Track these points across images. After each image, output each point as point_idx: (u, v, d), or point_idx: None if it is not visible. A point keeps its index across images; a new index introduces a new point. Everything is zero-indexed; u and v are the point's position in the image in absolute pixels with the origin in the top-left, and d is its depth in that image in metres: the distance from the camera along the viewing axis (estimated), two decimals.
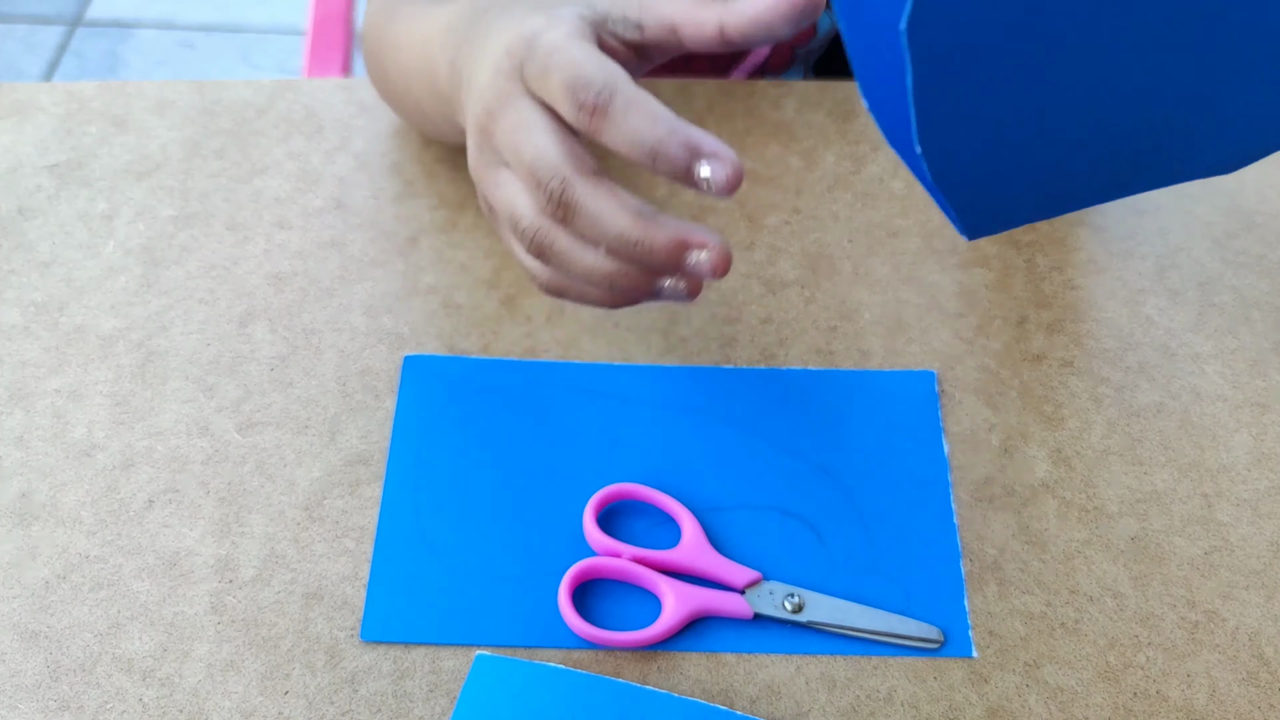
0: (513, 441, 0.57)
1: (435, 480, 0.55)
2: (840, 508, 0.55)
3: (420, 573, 0.52)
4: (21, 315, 0.61)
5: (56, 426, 0.57)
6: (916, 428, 0.58)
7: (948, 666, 0.51)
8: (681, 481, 0.56)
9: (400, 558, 0.53)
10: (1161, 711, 0.50)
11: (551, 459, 0.56)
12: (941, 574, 0.53)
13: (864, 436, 0.57)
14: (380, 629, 0.51)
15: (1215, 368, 0.61)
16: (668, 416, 0.58)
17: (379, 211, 0.66)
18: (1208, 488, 0.56)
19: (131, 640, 0.51)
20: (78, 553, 0.53)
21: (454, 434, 0.57)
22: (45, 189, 0.66)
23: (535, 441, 0.57)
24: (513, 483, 0.55)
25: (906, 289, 0.64)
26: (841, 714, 0.49)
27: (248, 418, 0.57)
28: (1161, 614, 0.52)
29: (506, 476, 0.56)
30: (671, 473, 0.56)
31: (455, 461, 0.56)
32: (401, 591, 0.52)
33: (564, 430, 0.57)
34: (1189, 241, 0.66)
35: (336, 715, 0.49)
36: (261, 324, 0.61)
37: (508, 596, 0.52)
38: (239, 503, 0.55)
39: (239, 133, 0.70)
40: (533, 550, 0.53)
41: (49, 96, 0.71)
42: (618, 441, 0.57)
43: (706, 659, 0.51)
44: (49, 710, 0.49)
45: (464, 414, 0.57)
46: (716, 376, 0.59)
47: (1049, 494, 0.56)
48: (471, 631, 0.51)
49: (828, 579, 0.53)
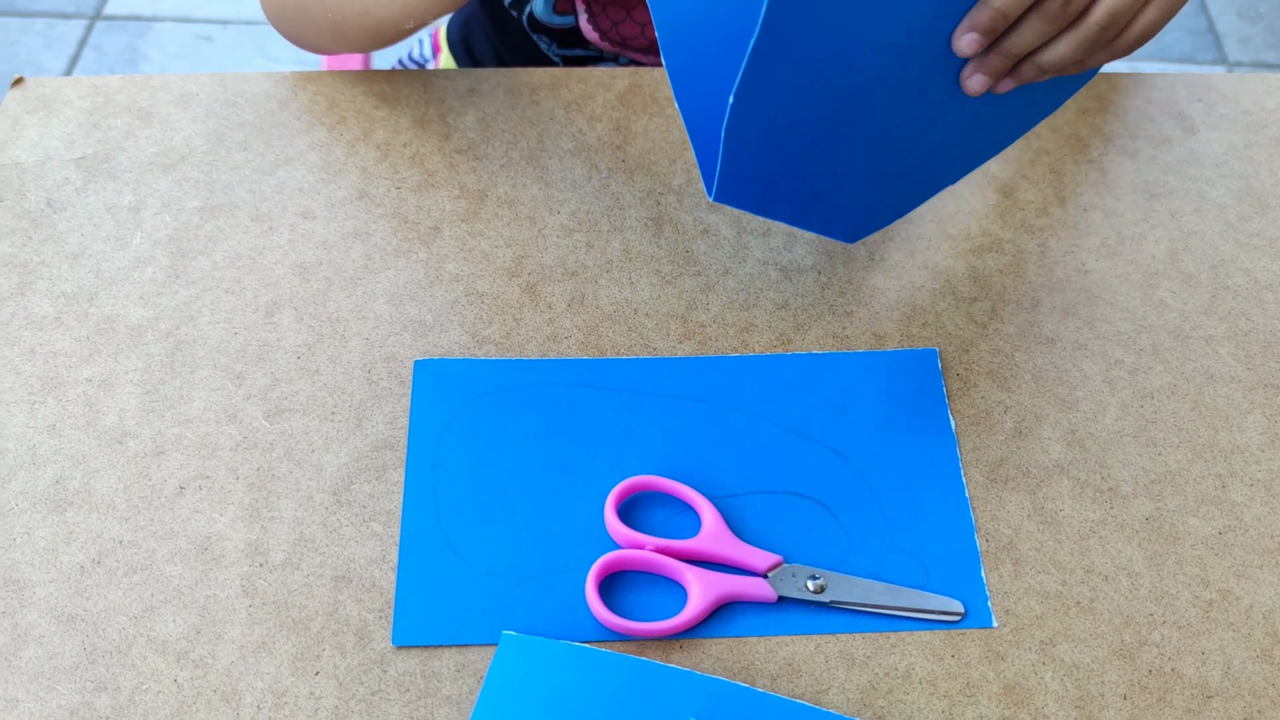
0: (527, 440, 0.57)
1: (453, 483, 0.56)
2: (854, 488, 0.56)
3: (446, 575, 0.53)
4: (53, 306, 0.62)
5: (89, 415, 0.58)
6: (923, 405, 0.59)
7: (965, 643, 0.52)
8: (697, 470, 0.57)
9: (425, 561, 0.54)
10: (1176, 689, 0.51)
11: (566, 455, 0.57)
12: (958, 547, 0.54)
13: (872, 416, 0.58)
14: (411, 634, 0.52)
15: (1228, 350, 0.61)
16: (679, 407, 0.59)
17: (402, 201, 0.67)
18: (1221, 468, 0.57)
19: (165, 623, 0.52)
20: (112, 538, 0.54)
21: (467, 437, 0.57)
22: (73, 182, 0.68)
23: (549, 439, 0.57)
24: (530, 480, 0.56)
25: (921, 274, 0.64)
26: (860, 691, 0.50)
27: (275, 405, 0.59)
28: (1176, 593, 0.53)
29: (524, 475, 0.56)
30: (687, 462, 0.57)
31: (471, 463, 0.57)
32: (428, 595, 0.53)
33: (576, 426, 0.58)
34: (1202, 225, 0.67)
35: (366, 695, 0.50)
36: (288, 313, 0.62)
37: (532, 593, 0.53)
38: (268, 488, 0.56)
39: (262, 124, 0.71)
40: (555, 546, 0.54)
41: (74, 90, 0.72)
42: (631, 434, 0.58)
43: (727, 637, 0.52)
44: (86, 690, 0.50)
45: (476, 416, 0.58)
46: (724, 365, 0.60)
47: (1063, 475, 0.57)
48: (499, 631, 0.52)
49: (847, 559, 0.54)
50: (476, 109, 0.71)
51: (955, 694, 0.50)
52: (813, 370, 0.60)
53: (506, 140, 0.70)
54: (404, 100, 0.72)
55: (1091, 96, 0.73)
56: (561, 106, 0.72)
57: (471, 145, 0.70)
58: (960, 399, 0.59)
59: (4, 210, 0.66)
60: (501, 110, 0.71)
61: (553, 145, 0.70)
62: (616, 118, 0.71)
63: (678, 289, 0.63)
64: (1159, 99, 0.73)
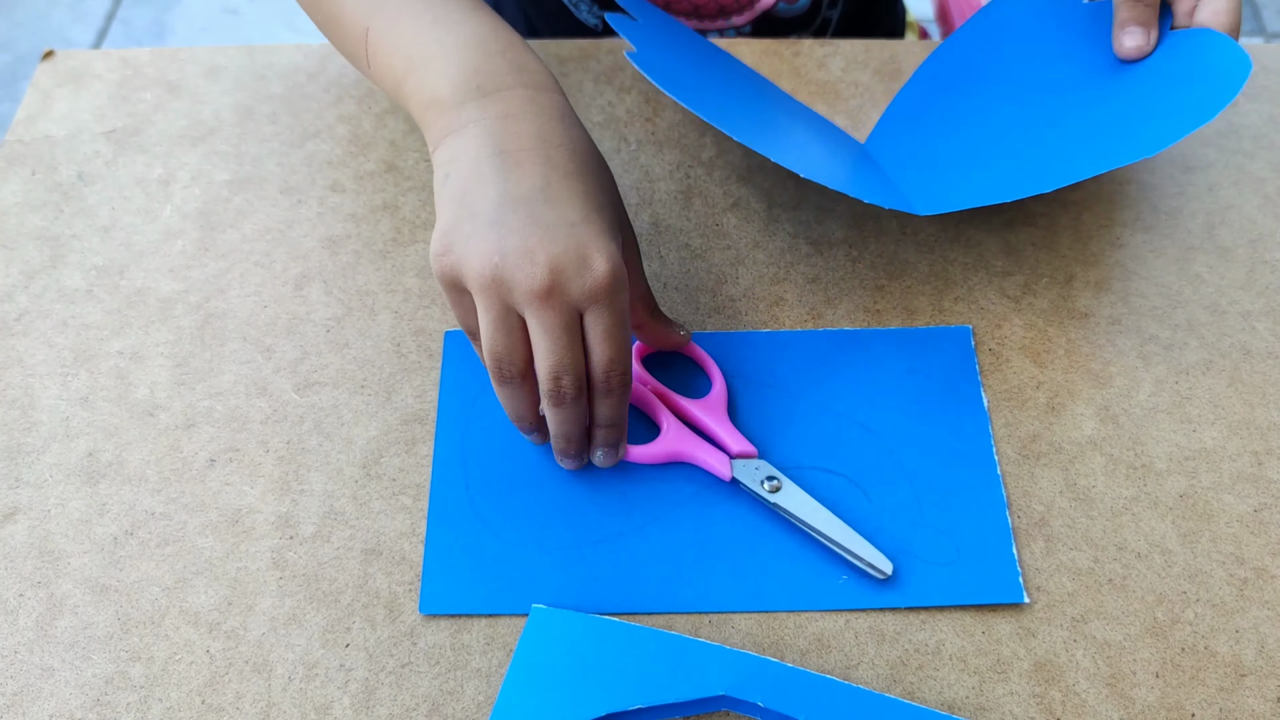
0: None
1: (482, 453, 0.56)
2: (884, 465, 0.56)
3: (473, 544, 0.53)
4: (84, 279, 0.62)
5: (120, 387, 0.58)
6: (956, 383, 0.58)
7: (996, 620, 0.51)
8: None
9: (453, 530, 0.54)
10: (1209, 666, 0.50)
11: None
12: (988, 524, 0.54)
13: (903, 394, 0.58)
14: (438, 603, 0.52)
15: (1266, 325, 0.61)
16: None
17: (430, 174, 0.67)
18: (1257, 445, 0.56)
19: (197, 594, 0.52)
20: (144, 510, 0.55)
21: (497, 407, 0.57)
22: (103, 155, 0.68)
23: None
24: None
25: (953, 248, 0.64)
26: (890, 667, 0.50)
27: (305, 378, 0.59)
28: (1210, 570, 0.53)
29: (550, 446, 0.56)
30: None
31: (501, 434, 0.57)
32: (456, 564, 0.53)
33: None
34: (1239, 198, 0.66)
35: (396, 667, 0.50)
36: (317, 286, 0.62)
37: (560, 565, 0.53)
38: (298, 461, 0.56)
39: (290, 97, 0.70)
40: (582, 518, 0.54)
41: (104, 63, 0.72)
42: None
43: (756, 612, 0.52)
44: (120, 660, 0.50)
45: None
46: (755, 340, 0.60)
47: (1096, 451, 0.56)
48: (525, 600, 0.52)
49: (876, 534, 0.53)
50: None
51: (986, 670, 0.50)
52: (845, 346, 0.60)
53: None
54: None
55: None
56: (591, 78, 0.71)
57: None
58: (993, 374, 0.59)
59: (35, 183, 0.67)
60: None
61: (582, 117, 0.69)
62: (646, 89, 0.71)
63: (707, 262, 0.63)
64: None
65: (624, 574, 0.53)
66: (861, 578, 0.52)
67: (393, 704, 0.49)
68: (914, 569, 0.53)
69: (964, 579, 0.52)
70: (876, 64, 0.72)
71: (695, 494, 0.55)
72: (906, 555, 0.53)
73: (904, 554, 0.53)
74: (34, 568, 0.53)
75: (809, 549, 0.53)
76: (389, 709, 0.49)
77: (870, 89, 0.71)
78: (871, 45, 0.73)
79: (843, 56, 0.72)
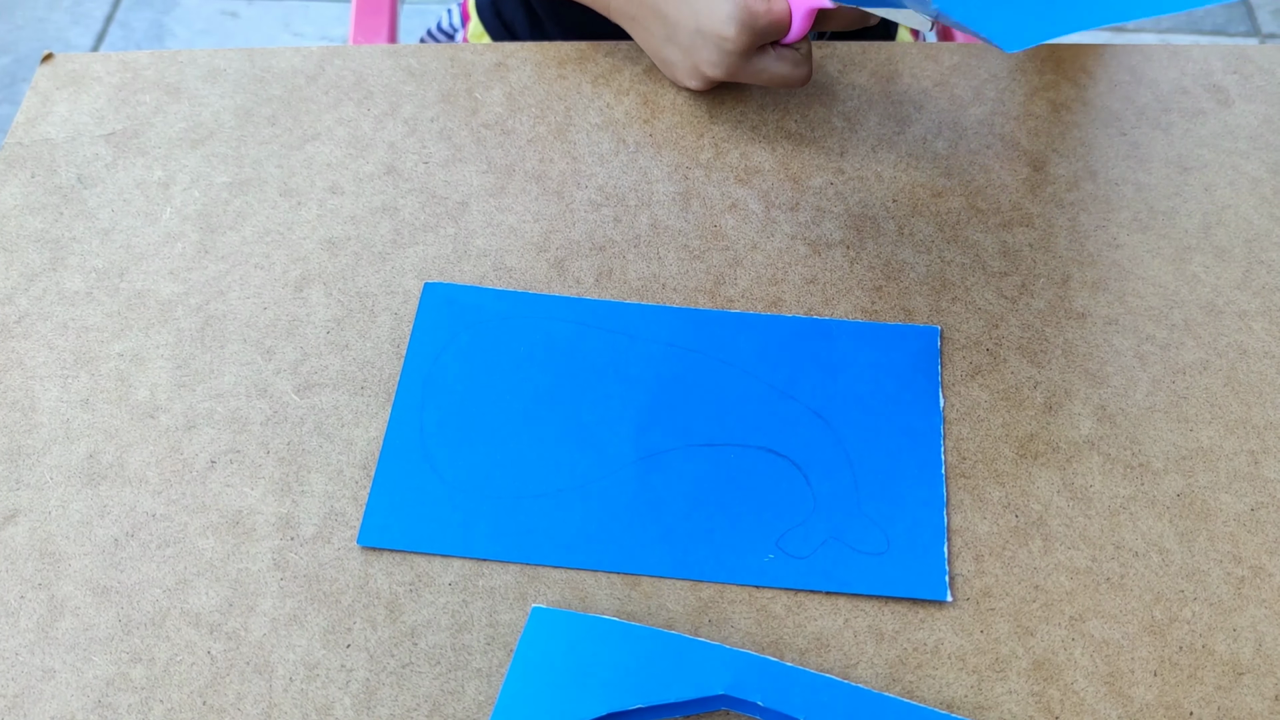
0: (518, 369, 0.59)
1: (441, 402, 0.58)
2: (830, 451, 0.56)
3: (419, 486, 0.55)
4: (84, 281, 0.63)
5: (121, 389, 0.59)
6: (915, 381, 0.59)
7: (994, 619, 0.52)
8: (677, 416, 0.57)
9: (402, 471, 0.56)
10: (1207, 665, 0.50)
11: (553, 388, 0.58)
12: (924, 521, 0.54)
13: (861, 386, 0.59)
14: (377, 536, 0.54)
15: (1262, 325, 0.61)
16: (671, 354, 0.60)
17: (429, 176, 0.67)
18: (1254, 444, 0.57)
19: (198, 595, 0.52)
20: (145, 511, 0.55)
21: (463, 359, 0.59)
22: (103, 157, 0.68)
23: (538, 370, 0.59)
24: (514, 409, 0.58)
25: (950, 248, 0.64)
26: (889, 665, 0.50)
27: (305, 379, 0.59)
28: (1207, 569, 0.53)
29: (509, 402, 0.58)
30: (668, 407, 0.58)
31: (462, 386, 0.58)
32: (400, 503, 0.55)
33: (568, 361, 0.59)
34: (1235, 199, 0.66)
35: (397, 667, 0.50)
36: (317, 288, 0.62)
37: (501, 514, 0.54)
38: (298, 462, 0.56)
39: (290, 100, 0.71)
40: (529, 472, 0.56)
41: (104, 66, 0.73)
42: (620, 374, 0.59)
43: (756, 612, 0.52)
44: (122, 661, 0.51)
45: (474, 341, 0.60)
46: (723, 320, 0.61)
47: (1093, 450, 0.57)
48: (461, 544, 0.54)
49: (810, 518, 0.54)
50: (503, 83, 0.71)
51: (984, 669, 0.50)
52: (810, 334, 0.60)
53: (533, 114, 0.70)
54: (431, 75, 0.72)
55: (1124, 69, 0.72)
56: (589, 80, 0.72)
57: (499, 120, 0.70)
58: (990, 374, 0.59)
59: (35, 186, 0.67)
60: (528, 84, 0.71)
61: (580, 119, 0.70)
62: (644, 91, 0.71)
63: (705, 263, 0.63)
64: (1193, 71, 0.72)
65: (558, 528, 0.54)
66: (789, 558, 0.53)
67: (394, 704, 0.50)
68: (842, 555, 0.53)
69: (890, 570, 0.53)
70: (873, 65, 0.72)
71: (639, 460, 0.56)
72: (837, 542, 0.54)
73: (835, 540, 0.54)
74: (35, 569, 0.53)
75: (743, 524, 0.54)
76: (390, 709, 0.49)
77: (866, 90, 0.71)
78: (868, 47, 0.73)
79: (839, 58, 0.73)
